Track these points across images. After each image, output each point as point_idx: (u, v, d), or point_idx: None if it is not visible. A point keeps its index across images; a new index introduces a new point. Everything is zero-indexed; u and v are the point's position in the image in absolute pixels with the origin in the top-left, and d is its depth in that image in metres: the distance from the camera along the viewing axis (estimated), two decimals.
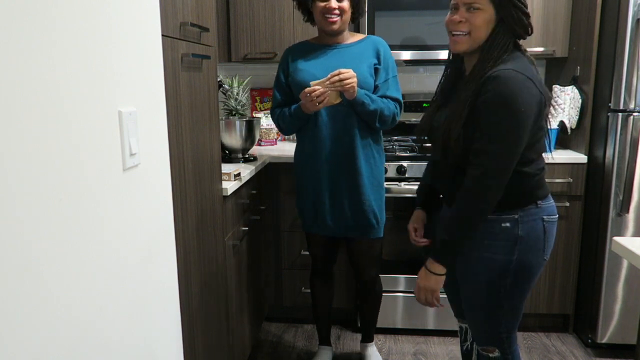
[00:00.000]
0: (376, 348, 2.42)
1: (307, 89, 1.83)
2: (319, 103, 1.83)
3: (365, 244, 2.11)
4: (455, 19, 1.42)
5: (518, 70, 1.33)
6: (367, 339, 2.39)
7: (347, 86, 1.80)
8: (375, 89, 1.97)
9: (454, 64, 1.55)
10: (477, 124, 1.36)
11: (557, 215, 1.49)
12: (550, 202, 1.47)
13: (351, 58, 1.96)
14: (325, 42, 2.03)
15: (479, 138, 1.35)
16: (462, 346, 1.77)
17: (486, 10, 1.38)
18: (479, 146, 1.35)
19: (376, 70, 1.97)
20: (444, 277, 1.45)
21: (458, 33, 1.42)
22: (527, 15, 1.40)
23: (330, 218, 2.05)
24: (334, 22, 1.91)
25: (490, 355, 1.56)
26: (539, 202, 1.43)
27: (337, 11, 1.89)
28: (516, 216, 1.41)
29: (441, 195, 1.61)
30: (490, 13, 1.38)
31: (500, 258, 1.42)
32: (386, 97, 1.95)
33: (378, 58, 1.97)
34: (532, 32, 1.43)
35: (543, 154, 1.48)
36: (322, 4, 1.89)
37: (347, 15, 1.93)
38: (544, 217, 1.43)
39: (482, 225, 1.40)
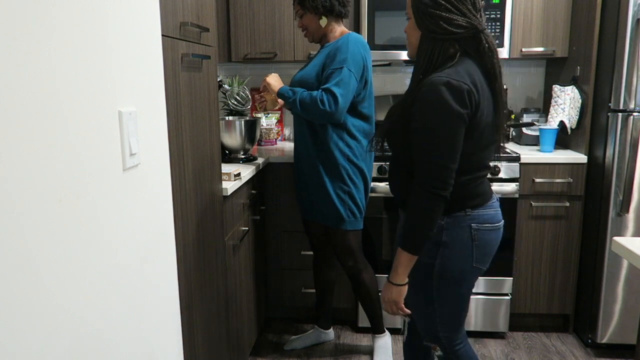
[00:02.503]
0: (388, 339, 2.41)
1: None
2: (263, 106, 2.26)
3: (337, 233, 2.21)
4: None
5: (450, 76, 1.30)
6: (372, 331, 2.42)
7: (265, 92, 2.17)
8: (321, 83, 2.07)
9: None
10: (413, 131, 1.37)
11: (497, 224, 1.46)
12: (486, 210, 1.45)
13: (317, 58, 2.12)
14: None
15: (416, 145, 1.37)
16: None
17: (412, 18, 1.41)
18: (416, 152, 1.36)
19: (325, 67, 2.05)
20: (404, 287, 1.43)
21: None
22: (445, 10, 1.33)
23: (302, 202, 2.28)
24: (306, 36, 2.16)
25: (435, 353, 1.60)
26: (468, 210, 1.42)
27: (302, 28, 2.15)
28: (442, 222, 1.41)
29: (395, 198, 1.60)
30: (414, 20, 1.40)
31: (423, 261, 1.43)
32: (322, 88, 2.00)
33: (329, 55, 2.05)
34: (466, 30, 1.34)
35: (488, 165, 1.47)
36: None
37: (313, 26, 2.10)
38: (473, 224, 1.42)
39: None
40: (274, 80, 2.13)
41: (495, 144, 1.45)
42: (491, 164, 2.41)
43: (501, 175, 2.44)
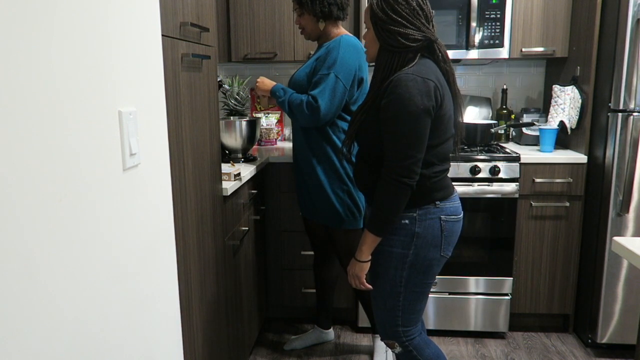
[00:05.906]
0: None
1: None
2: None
3: (337, 233, 2.22)
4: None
5: (416, 73, 1.42)
6: (372, 331, 2.42)
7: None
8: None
9: None
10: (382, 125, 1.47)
11: (460, 215, 1.58)
12: (451, 203, 1.56)
13: (311, 59, 2.14)
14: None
15: (384, 137, 1.46)
16: None
17: (371, 29, 1.51)
18: (385, 144, 1.46)
19: (315, 70, 2.07)
20: (367, 264, 1.57)
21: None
22: (401, 26, 1.44)
23: (303, 202, 2.27)
24: (302, 34, 2.17)
25: (394, 350, 1.67)
26: (437, 202, 1.53)
27: (299, 26, 2.16)
28: (415, 214, 1.52)
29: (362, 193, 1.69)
30: (373, 31, 1.50)
31: (397, 251, 1.54)
32: (309, 94, 2.04)
33: (320, 59, 2.06)
34: (421, 42, 1.45)
35: (449, 157, 1.57)
36: None
37: (310, 27, 2.11)
38: (442, 216, 1.53)
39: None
40: (267, 80, 2.19)
41: (454, 137, 1.58)
42: (489, 164, 2.41)
43: (501, 175, 2.44)
